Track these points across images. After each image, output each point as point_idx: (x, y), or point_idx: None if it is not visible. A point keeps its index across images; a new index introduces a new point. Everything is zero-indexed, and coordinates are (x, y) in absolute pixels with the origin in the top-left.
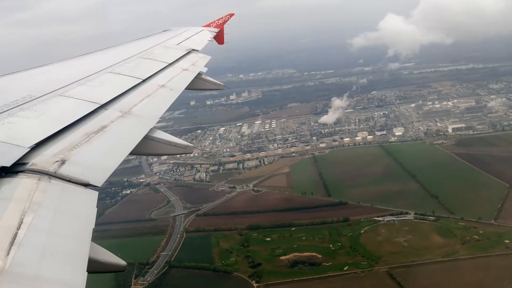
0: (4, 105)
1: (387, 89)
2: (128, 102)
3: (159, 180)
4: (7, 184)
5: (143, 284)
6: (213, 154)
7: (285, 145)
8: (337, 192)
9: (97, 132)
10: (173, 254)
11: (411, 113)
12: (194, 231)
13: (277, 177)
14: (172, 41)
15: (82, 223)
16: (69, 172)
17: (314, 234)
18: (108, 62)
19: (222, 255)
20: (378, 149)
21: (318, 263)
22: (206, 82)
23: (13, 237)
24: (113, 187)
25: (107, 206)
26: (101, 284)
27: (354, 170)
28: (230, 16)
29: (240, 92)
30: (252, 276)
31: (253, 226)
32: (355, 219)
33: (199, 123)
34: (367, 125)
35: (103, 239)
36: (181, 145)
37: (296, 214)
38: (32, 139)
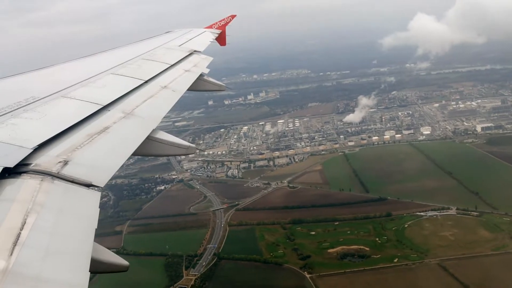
0: (8, 106)
1: (407, 90)
2: (130, 103)
3: (191, 177)
4: (10, 185)
5: (195, 275)
6: (240, 152)
7: (313, 143)
8: (374, 188)
9: (100, 133)
10: (219, 247)
11: (436, 113)
12: (237, 224)
13: (310, 174)
14: (174, 42)
15: (85, 224)
16: (72, 173)
17: (358, 229)
18: (111, 64)
19: (269, 247)
20: (408, 148)
21: (367, 256)
22: (208, 83)
23: (16, 238)
24: (146, 183)
25: (143, 201)
26: (154, 275)
27: (388, 167)
28: (232, 18)
29: (258, 92)
30: (303, 268)
31: (296, 221)
32: (397, 214)
33: (221, 122)
34: (393, 124)
35: (146, 233)
36: (183, 146)
37: (337, 210)
38: (35, 140)
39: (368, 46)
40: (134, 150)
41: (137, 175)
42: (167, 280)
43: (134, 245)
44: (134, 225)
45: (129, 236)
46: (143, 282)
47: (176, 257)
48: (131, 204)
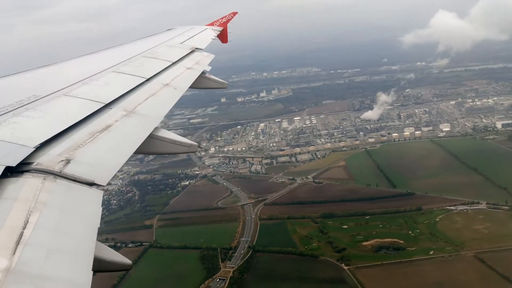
0: (9, 105)
1: (421, 87)
2: (132, 101)
3: (214, 172)
4: (12, 183)
5: (232, 267)
6: (260, 148)
7: (333, 140)
8: (400, 183)
9: (102, 132)
10: (252, 240)
11: (453, 110)
12: (268, 218)
13: (334, 169)
14: (176, 40)
15: (87, 222)
16: (74, 172)
17: (389, 222)
18: (112, 62)
19: (303, 240)
20: (429, 144)
21: (402, 248)
22: (210, 80)
23: (19, 237)
24: (170, 179)
25: (169, 196)
26: (191, 267)
27: (412, 163)
28: (233, 15)
29: (270, 89)
30: (339, 260)
31: (327, 215)
32: (427, 208)
33: (236, 119)
34: (412, 121)
35: (176, 227)
36: (185, 144)
37: (366, 204)
38: (37, 139)
39: (377, 44)
40: (136, 148)
41: (159, 171)
42: (205, 272)
43: (166, 238)
44: (163, 219)
45: (160, 230)
46: (181, 275)
47: (210, 250)
48: (157, 199)
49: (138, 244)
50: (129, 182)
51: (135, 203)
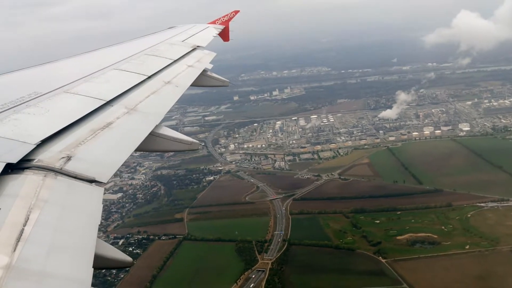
0: (10, 102)
1: (434, 88)
2: (133, 99)
3: (237, 168)
4: (13, 180)
5: (270, 259)
6: (280, 145)
7: (353, 138)
8: (427, 180)
9: (103, 129)
10: (286, 233)
11: (470, 110)
12: (299, 213)
13: (359, 167)
14: (177, 38)
15: (88, 220)
16: (75, 169)
17: (421, 218)
18: (114, 59)
19: (337, 234)
20: (451, 143)
21: (437, 243)
22: (212, 78)
23: (20, 233)
24: (193, 174)
25: (196, 191)
26: (229, 259)
27: (436, 161)
28: (235, 13)
29: (282, 88)
30: (376, 253)
31: (358, 210)
32: (458, 205)
33: (251, 117)
34: (430, 121)
35: (207, 220)
36: (186, 142)
37: (396, 200)
38: (38, 136)
39: (383, 44)
40: (137, 145)
41: (181, 167)
42: (243, 264)
43: (198, 231)
44: (193, 213)
45: (192, 223)
46: (220, 266)
47: (245, 243)
48: (184, 194)
49: (171, 237)
50: (152, 177)
51: (161, 197)
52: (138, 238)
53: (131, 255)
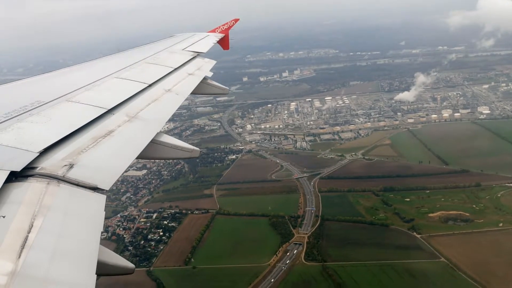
0: (13, 110)
1: (448, 71)
2: (134, 107)
3: (258, 148)
4: (17, 188)
5: (305, 233)
6: (298, 126)
7: (372, 120)
8: (453, 161)
9: (105, 137)
10: (318, 210)
11: (488, 94)
12: (327, 191)
13: (381, 147)
14: (177, 46)
15: (90, 226)
16: (77, 176)
17: (451, 197)
18: (114, 68)
19: (369, 211)
20: (472, 125)
21: (470, 220)
22: (212, 86)
23: (24, 240)
24: (215, 153)
25: (220, 169)
26: (265, 233)
27: (459, 143)
28: (235, 22)
29: (291, 70)
30: (411, 229)
31: (387, 189)
32: (486, 185)
33: (263, 98)
34: (449, 104)
35: (236, 196)
36: (187, 149)
37: (423, 179)
38: (40, 144)
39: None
40: (138, 153)
41: (201, 145)
42: (279, 237)
43: (230, 207)
44: (222, 189)
45: (221, 199)
46: (258, 239)
47: (279, 218)
48: (209, 171)
49: (204, 211)
50: None
51: (187, 174)
52: (171, 212)
53: (166, 228)
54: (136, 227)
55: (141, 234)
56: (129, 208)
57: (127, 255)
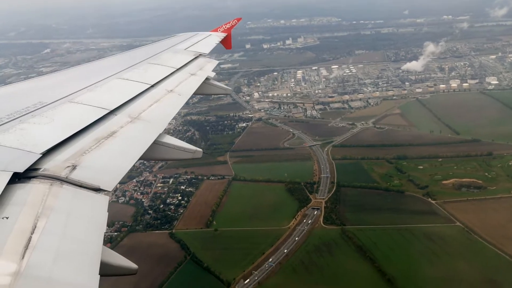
0: (16, 111)
1: (454, 41)
2: (137, 108)
3: (268, 116)
4: (20, 189)
5: (322, 199)
6: (306, 94)
7: (380, 89)
8: (463, 131)
9: (107, 138)
10: (332, 176)
11: (495, 64)
12: (341, 158)
13: (391, 117)
14: (180, 46)
15: (94, 227)
16: (80, 177)
17: (463, 165)
18: (117, 68)
19: (383, 178)
20: (481, 96)
21: (484, 187)
22: (214, 86)
23: (28, 241)
24: (225, 121)
25: (232, 136)
26: (282, 199)
27: (469, 112)
28: (237, 21)
29: (293, 37)
30: (425, 195)
31: (400, 157)
32: (498, 154)
33: (268, 65)
34: (457, 74)
35: (250, 163)
36: (190, 150)
37: (435, 148)
38: (43, 145)
39: None
40: (141, 154)
41: (210, 113)
42: (297, 202)
43: (244, 173)
44: (235, 157)
45: (236, 165)
46: (276, 204)
47: (295, 184)
48: (220, 139)
49: (220, 177)
50: (183, 122)
51: (198, 141)
52: (187, 178)
53: (184, 193)
54: (153, 191)
55: (159, 198)
56: (144, 173)
57: (147, 218)
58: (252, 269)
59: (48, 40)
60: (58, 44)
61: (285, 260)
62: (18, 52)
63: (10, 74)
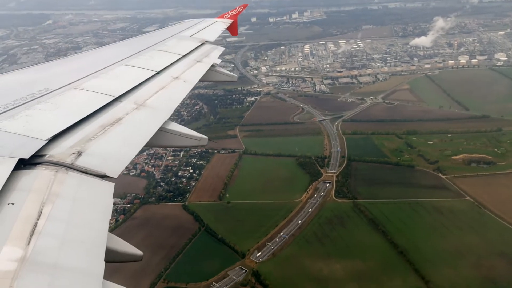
0: (22, 98)
1: (462, 17)
2: (142, 95)
3: (276, 90)
4: (26, 175)
5: (333, 173)
6: (314, 69)
7: (388, 64)
8: (473, 107)
9: (113, 124)
10: (343, 151)
11: (504, 41)
12: (352, 133)
13: (400, 92)
14: (185, 32)
15: (99, 214)
16: (86, 164)
17: (473, 140)
18: (122, 55)
19: (394, 153)
20: (490, 72)
21: (493, 163)
22: (220, 73)
23: (33, 227)
24: (233, 95)
25: (241, 110)
26: (294, 172)
27: (478, 89)
28: (243, 7)
29: (299, 11)
30: (436, 170)
31: (410, 132)
32: (508, 130)
33: (275, 39)
34: (465, 50)
35: (260, 137)
36: (195, 137)
37: (445, 124)
38: (49, 132)
39: None
40: (147, 141)
41: (218, 87)
42: (308, 176)
43: (254, 147)
44: (245, 131)
45: (246, 139)
46: (287, 178)
47: (306, 158)
48: (229, 112)
49: (230, 151)
50: (191, 96)
51: (207, 115)
52: (198, 151)
53: (195, 166)
54: (164, 164)
55: (170, 171)
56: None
57: (160, 191)
58: (265, 240)
59: (49, 11)
60: (60, 16)
61: (298, 232)
62: (19, 23)
63: (13, 45)
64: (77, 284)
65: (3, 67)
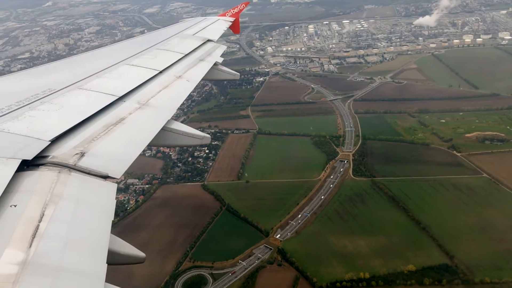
0: (25, 98)
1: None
2: (145, 94)
3: (285, 70)
4: (28, 177)
5: (350, 151)
6: (320, 49)
7: (394, 44)
8: (482, 85)
9: (116, 124)
10: (357, 130)
11: (507, 20)
12: (364, 112)
13: (408, 71)
14: (188, 31)
15: (102, 215)
16: (89, 165)
17: (485, 118)
18: (125, 54)
19: (407, 131)
20: (495, 51)
21: (507, 140)
22: (223, 72)
23: (35, 229)
24: (242, 75)
25: (251, 91)
26: (310, 151)
27: (485, 67)
28: (245, 5)
29: None
30: (450, 148)
31: (422, 110)
32: None
33: (278, 20)
34: (470, 29)
35: (273, 117)
36: (198, 136)
37: (456, 102)
38: (52, 132)
39: None
40: (150, 141)
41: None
42: (325, 155)
43: (268, 127)
44: (256, 111)
45: (258, 119)
46: (304, 157)
47: (320, 137)
48: (240, 93)
49: (244, 131)
50: None
51: (217, 96)
52: (211, 131)
53: (210, 146)
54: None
55: (186, 151)
56: None
57: (177, 171)
58: (288, 219)
59: None
60: None
61: (320, 210)
62: (18, 5)
63: (13, 27)
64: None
65: (6, 49)
